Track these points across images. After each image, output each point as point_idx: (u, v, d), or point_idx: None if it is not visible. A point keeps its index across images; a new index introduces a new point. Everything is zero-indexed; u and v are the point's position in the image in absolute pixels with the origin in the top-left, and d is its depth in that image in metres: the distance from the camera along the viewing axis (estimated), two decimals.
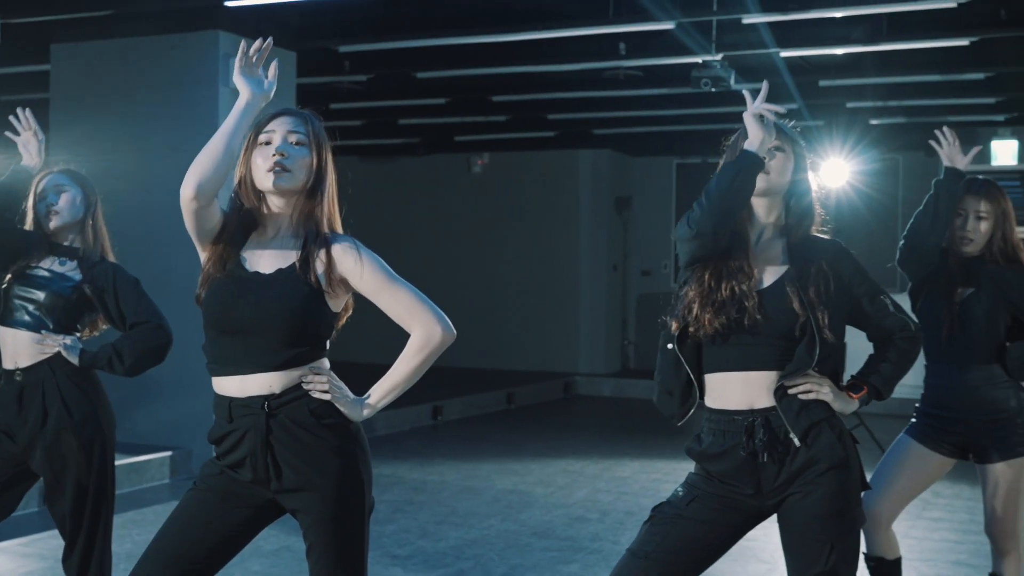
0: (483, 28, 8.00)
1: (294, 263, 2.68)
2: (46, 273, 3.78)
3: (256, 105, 2.66)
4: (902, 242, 3.99)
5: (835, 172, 10.71)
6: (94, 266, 3.82)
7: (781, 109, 2.76)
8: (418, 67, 9.45)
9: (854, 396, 2.85)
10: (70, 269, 3.81)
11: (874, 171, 12.07)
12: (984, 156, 11.72)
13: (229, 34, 7.75)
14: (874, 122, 11.53)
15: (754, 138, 2.73)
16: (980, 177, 4.05)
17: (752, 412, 2.74)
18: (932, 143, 3.95)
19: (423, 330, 2.74)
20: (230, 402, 2.66)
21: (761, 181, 2.77)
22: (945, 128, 3.93)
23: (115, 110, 8.07)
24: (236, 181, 2.76)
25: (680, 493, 2.85)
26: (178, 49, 7.87)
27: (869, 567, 4.11)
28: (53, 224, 3.80)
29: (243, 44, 2.64)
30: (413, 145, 14.11)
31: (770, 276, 2.81)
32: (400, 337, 2.80)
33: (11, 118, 3.80)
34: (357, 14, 8.13)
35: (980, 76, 9.37)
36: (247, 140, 2.74)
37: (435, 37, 8.29)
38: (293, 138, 2.71)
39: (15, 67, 9.18)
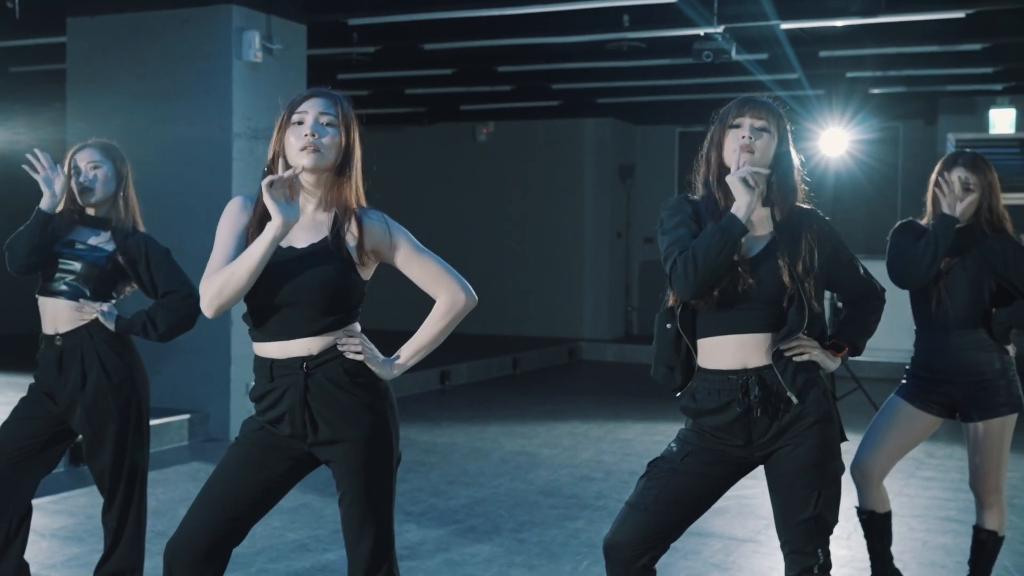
0: (490, 2, 8.16)
1: (326, 237, 2.88)
2: (81, 245, 3.99)
3: (286, 233, 2.78)
4: (895, 262, 4.14)
5: (834, 141, 10.88)
6: (127, 237, 4.02)
7: (764, 171, 2.90)
8: (425, 39, 9.62)
9: (837, 355, 3.08)
10: (104, 240, 4.02)
11: (874, 140, 12.26)
12: (983, 124, 11.91)
13: (242, 8, 7.93)
14: (875, 91, 11.70)
15: (741, 203, 2.88)
16: (967, 150, 4.25)
17: (746, 371, 2.95)
18: (936, 189, 4.12)
19: (449, 296, 2.97)
20: (271, 363, 2.88)
21: (745, 158, 2.94)
22: (947, 175, 4.08)
23: (130, 82, 8.26)
24: (269, 157, 2.94)
25: (674, 449, 3.06)
26: (191, 22, 8.05)
27: (861, 520, 4.35)
28: (87, 200, 4.01)
29: (282, 171, 2.82)
30: (419, 114, 14.28)
31: (757, 244, 2.99)
32: (413, 304, 3.01)
33: (29, 157, 3.94)
34: None
35: (977, 47, 9.53)
36: (280, 119, 2.92)
37: (442, 10, 8.46)
38: (324, 119, 2.88)
39: (32, 39, 9.35)
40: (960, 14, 8.22)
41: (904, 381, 4.29)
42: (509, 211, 14.63)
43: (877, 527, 4.33)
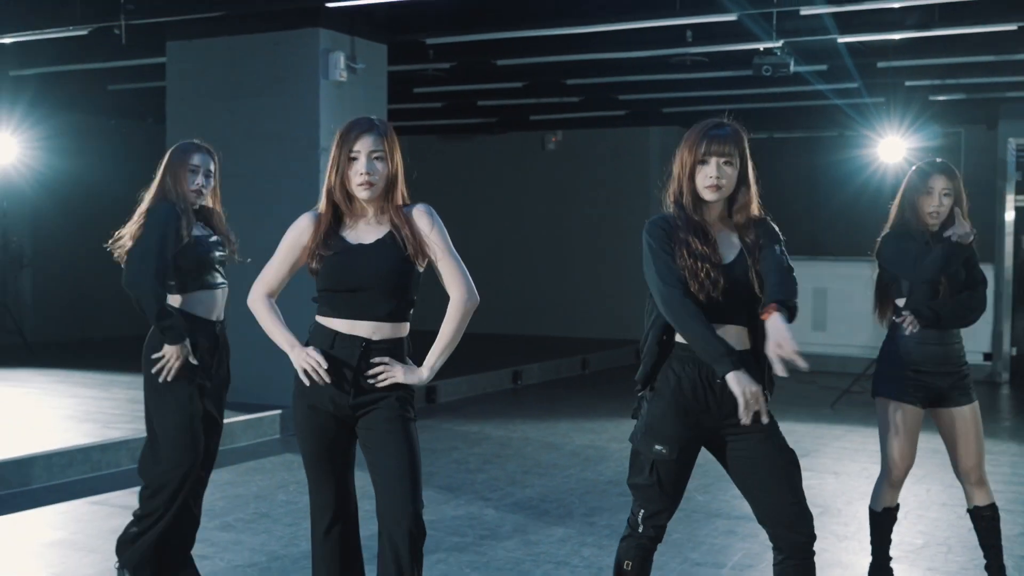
0: (559, 21, 8.65)
1: (389, 232, 3.47)
2: (211, 237, 4.50)
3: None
4: (907, 272, 4.49)
5: (892, 149, 11.16)
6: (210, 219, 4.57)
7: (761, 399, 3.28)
8: (497, 55, 10.13)
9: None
10: (208, 231, 4.53)
11: (936, 148, 12.49)
12: None
13: (329, 31, 8.52)
14: (937, 98, 11.93)
15: (735, 389, 3.23)
16: (938, 160, 4.64)
17: None
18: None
19: (459, 294, 3.51)
20: (335, 335, 3.46)
21: (715, 194, 3.38)
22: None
23: (224, 101, 8.90)
24: (327, 186, 3.49)
25: (664, 452, 3.43)
26: (282, 45, 8.65)
27: (880, 518, 4.73)
28: (198, 201, 4.48)
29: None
30: (490, 124, 14.81)
31: (730, 253, 3.42)
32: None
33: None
34: (443, 10, 8.83)
35: None
36: (336, 152, 3.45)
37: (513, 30, 8.95)
38: (375, 155, 3.45)
39: (135, 60, 10.02)
40: (1012, 27, 8.51)
41: (882, 382, 4.55)
42: (577, 217, 15.09)
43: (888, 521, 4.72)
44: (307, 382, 3.43)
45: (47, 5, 8.32)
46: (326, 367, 3.41)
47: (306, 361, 3.42)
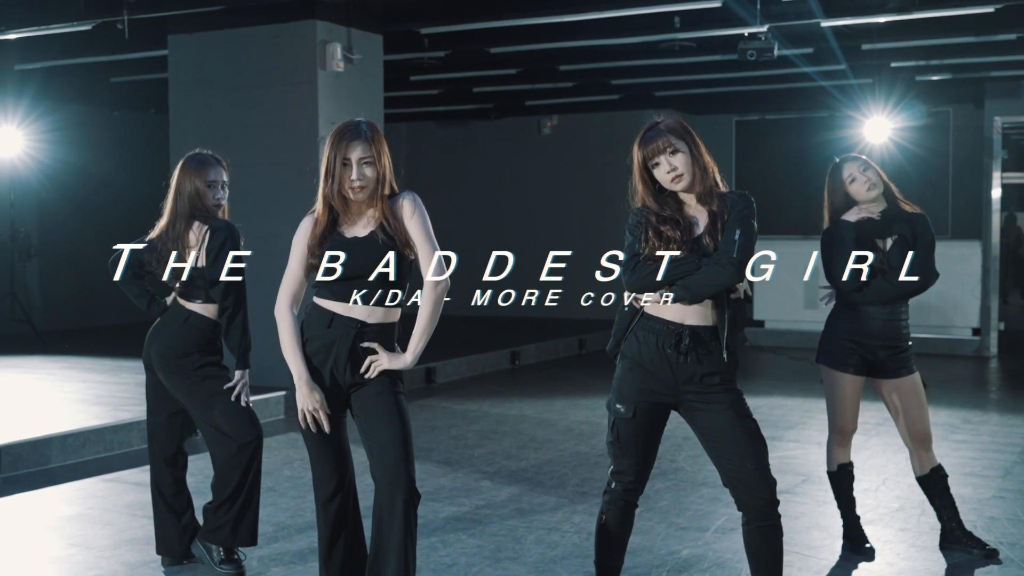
0: (549, 9, 8.87)
1: (380, 225, 3.72)
2: None
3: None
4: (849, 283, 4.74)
5: (878, 129, 11.37)
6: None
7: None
8: (491, 43, 10.36)
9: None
10: None
11: (923, 128, 12.69)
12: None
13: (325, 23, 8.76)
14: (924, 78, 12.13)
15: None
16: (853, 154, 4.92)
17: (683, 325, 3.64)
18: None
19: (430, 279, 3.75)
20: (333, 316, 3.72)
21: (681, 183, 3.64)
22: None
23: (225, 92, 9.14)
24: (323, 191, 3.73)
25: (621, 410, 3.72)
26: (280, 38, 8.90)
27: (839, 476, 5.04)
28: (219, 213, 4.78)
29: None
30: (486, 110, 15.05)
31: (698, 229, 3.67)
32: None
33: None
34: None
35: (1013, 36, 10.00)
36: (329, 158, 3.70)
37: (507, 19, 9.17)
38: (365, 161, 3.70)
39: (137, 53, 10.27)
40: (990, 8, 8.72)
41: (822, 350, 4.88)
42: (573, 200, 15.34)
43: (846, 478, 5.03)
44: (302, 423, 3.71)
45: (51, 1, 8.58)
46: (328, 413, 3.69)
47: (310, 405, 3.67)
